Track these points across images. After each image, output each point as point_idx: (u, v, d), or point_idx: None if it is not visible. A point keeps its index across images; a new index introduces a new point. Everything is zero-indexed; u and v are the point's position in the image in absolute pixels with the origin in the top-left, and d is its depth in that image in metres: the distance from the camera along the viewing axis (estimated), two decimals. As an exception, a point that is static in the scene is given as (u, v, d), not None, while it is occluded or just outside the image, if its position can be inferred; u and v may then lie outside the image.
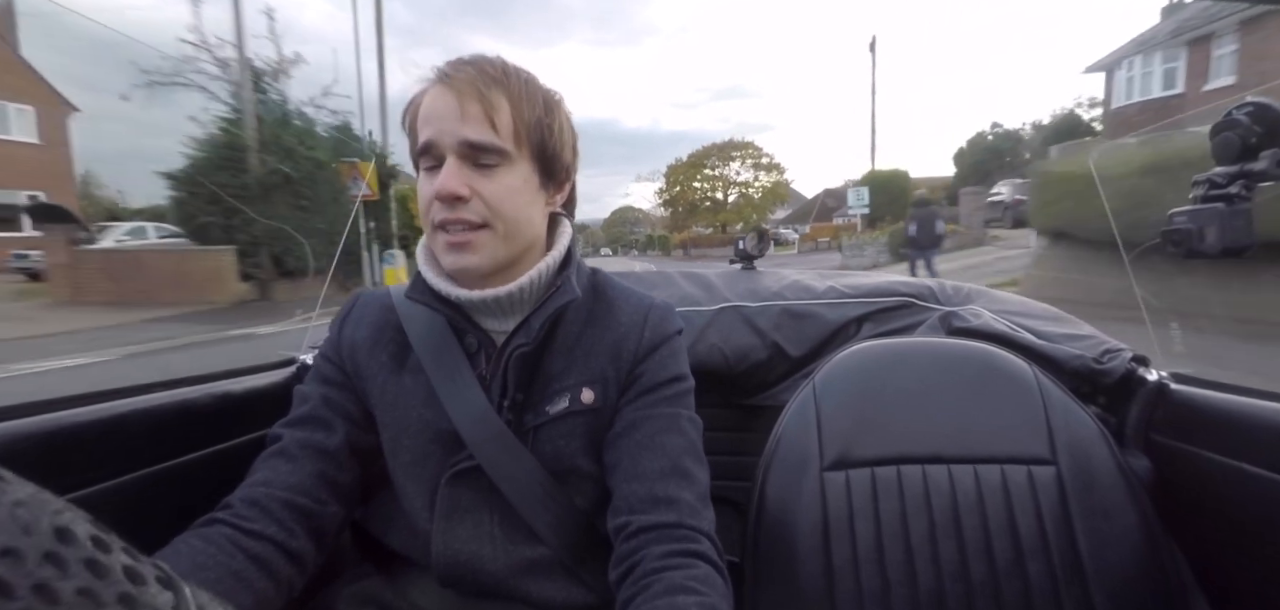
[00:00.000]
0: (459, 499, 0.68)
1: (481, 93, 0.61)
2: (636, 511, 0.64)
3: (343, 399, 0.72)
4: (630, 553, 0.62)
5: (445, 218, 0.63)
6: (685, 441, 0.69)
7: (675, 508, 0.63)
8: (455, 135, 0.61)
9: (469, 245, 0.63)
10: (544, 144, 0.66)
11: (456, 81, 0.62)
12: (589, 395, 0.69)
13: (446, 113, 0.62)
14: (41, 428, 0.64)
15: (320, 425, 0.69)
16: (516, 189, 0.65)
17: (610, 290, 0.76)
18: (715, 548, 0.64)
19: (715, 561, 0.62)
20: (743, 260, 1.37)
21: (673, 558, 0.60)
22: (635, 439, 0.68)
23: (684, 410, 0.71)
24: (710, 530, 0.65)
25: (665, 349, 0.72)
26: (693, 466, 0.68)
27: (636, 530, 0.63)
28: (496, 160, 0.63)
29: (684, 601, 0.56)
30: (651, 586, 0.58)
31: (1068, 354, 0.95)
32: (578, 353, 0.70)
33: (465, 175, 0.62)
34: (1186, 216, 0.74)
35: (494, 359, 0.69)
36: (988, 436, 0.84)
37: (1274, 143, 0.69)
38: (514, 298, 0.67)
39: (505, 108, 0.63)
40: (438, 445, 0.68)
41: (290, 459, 0.66)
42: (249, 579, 0.58)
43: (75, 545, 0.19)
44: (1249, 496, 0.72)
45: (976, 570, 0.78)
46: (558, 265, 0.71)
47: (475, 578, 0.68)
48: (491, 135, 0.62)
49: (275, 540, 0.61)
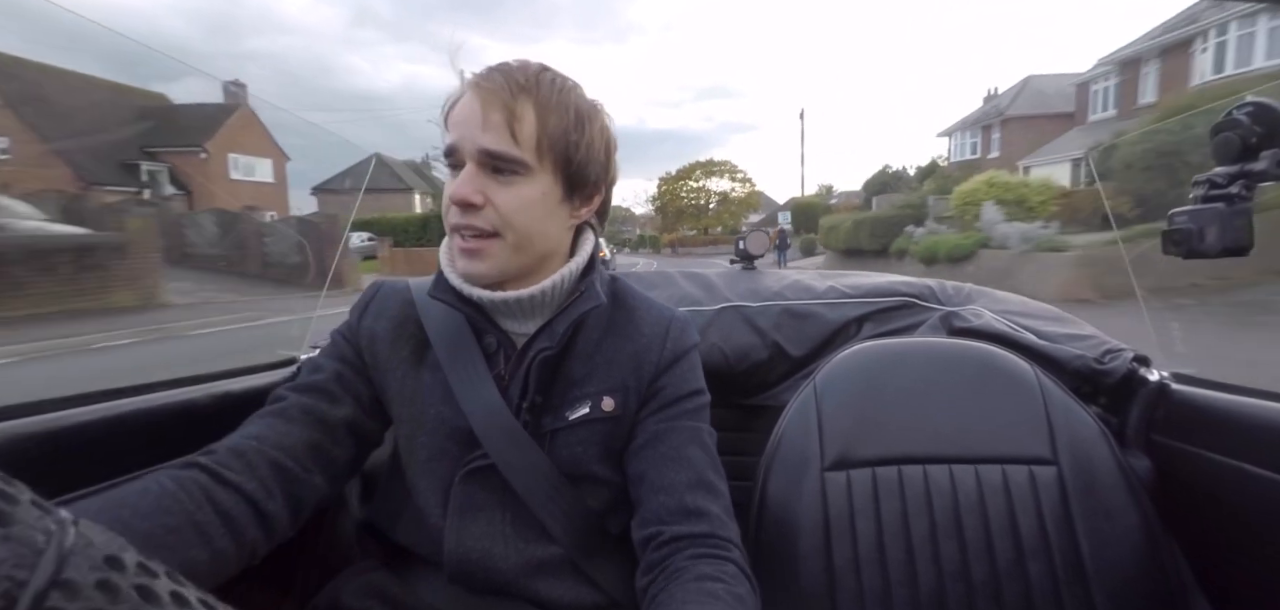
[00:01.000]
0: (472, 496, 0.68)
1: (506, 102, 0.61)
2: (667, 522, 0.65)
3: (355, 379, 0.72)
4: (662, 559, 0.63)
5: (459, 223, 0.63)
6: (708, 456, 0.71)
7: (706, 519, 0.65)
8: (475, 143, 0.62)
9: (478, 252, 0.64)
10: (569, 157, 0.65)
11: (484, 89, 0.62)
12: (610, 403, 0.70)
13: (470, 119, 0.62)
14: (42, 428, 0.64)
15: (326, 396, 0.69)
16: (533, 201, 0.64)
17: (630, 299, 0.76)
18: (745, 556, 0.65)
19: (745, 570, 0.64)
20: (743, 260, 1.37)
21: (704, 559, 0.62)
22: (660, 451, 0.69)
23: (703, 424, 0.73)
24: (739, 542, 0.66)
25: (685, 362, 0.74)
26: (717, 480, 0.70)
27: (669, 539, 0.64)
28: (514, 170, 0.62)
29: (713, 587, 0.58)
30: (683, 574, 0.60)
31: (1069, 354, 0.94)
32: (599, 360, 0.71)
33: (481, 182, 0.62)
34: (1187, 216, 0.74)
35: (514, 360, 0.69)
36: (989, 436, 0.84)
37: (1274, 143, 0.69)
38: (535, 300, 0.68)
39: (530, 118, 0.62)
40: (453, 442, 0.68)
41: (288, 420, 0.66)
42: (210, 534, 0.55)
43: (124, 572, 0.19)
44: (1250, 496, 0.72)
45: (977, 570, 0.78)
46: (580, 272, 0.71)
47: (486, 575, 0.68)
48: (510, 146, 0.61)
49: (251, 497, 0.59)
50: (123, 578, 0.19)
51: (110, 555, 0.19)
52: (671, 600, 0.58)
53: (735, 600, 0.58)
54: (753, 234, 1.41)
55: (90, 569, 0.18)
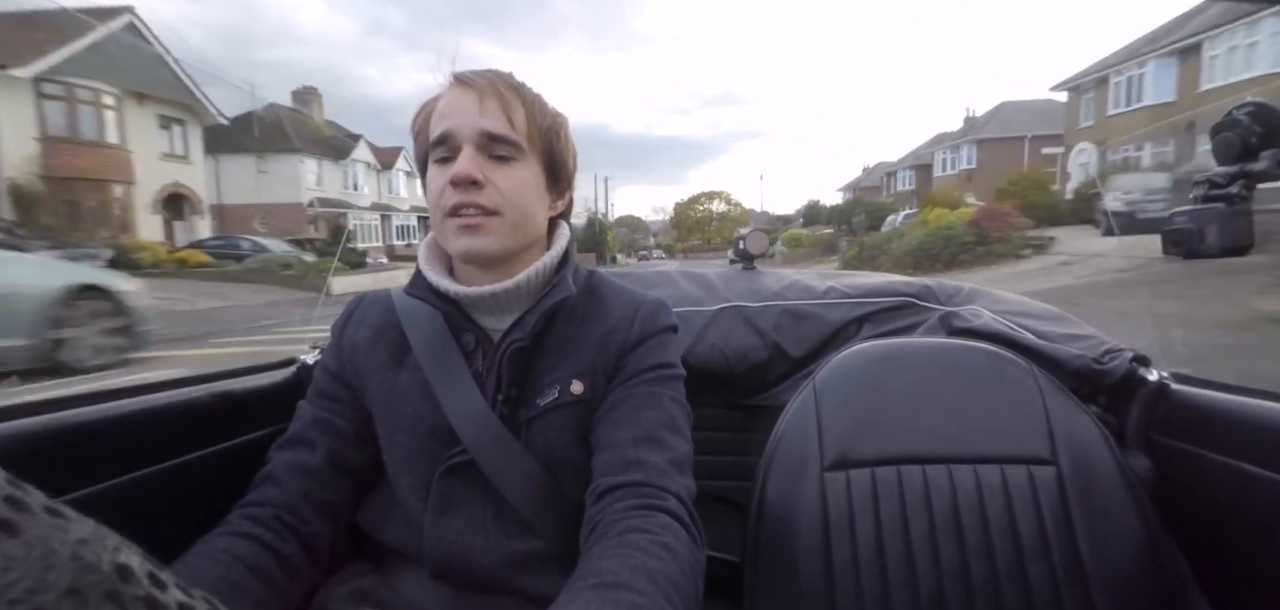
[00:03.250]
0: (452, 493, 0.69)
1: (500, 93, 0.67)
2: (604, 476, 0.65)
3: (332, 415, 0.74)
4: (596, 515, 0.62)
5: (459, 202, 0.65)
6: (663, 415, 0.69)
7: (642, 468, 0.64)
8: (474, 126, 0.65)
9: (480, 228, 0.66)
10: (552, 149, 0.71)
11: (475, 83, 0.67)
12: (578, 387, 0.70)
13: (466, 107, 0.66)
14: (41, 428, 0.64)
15: (304, 446, 0.72)
16: (528, 183, 0.69)
17: (604, 288, 0.78)
18: (685, 508, 0.63)
19: (681, 516, 0.62)
20: (743, 260, 1.37)
21: (634, 511, 0.60)
22: (614, 416, 0.69)
23: (667, 391, 0.72)
24: (681, 492, 0.64)
25: (654, 340, 0.74)
26: (667, 435, 0.68)
27: (603, 491, 0.63)
28: (511, 153, 0.67)
29: (636, 539, 0.56)
30: (610, 530, 0.58)
31: (1068, 354, 0.94)
32: (569, 348, 0.72)
33: (480, 163, 0.65)
34: (1187, 216, 0.74)
35: (489, 355, 0.70)
36: (988, 436, 0.84)
37: (1274, 143, 0.70)
38: (511, 294, 0.69)
39: (520, 110, 0.68)
40: (432, 440, 0.69)
41: (276, 484, 0.70)
42: (246, 587, 0.60)
43: (134, 583, 0.19)
44: (1249, 496, 0.72)
45: (977, 570, 0.78)
46: (556, 264, 0.73)
47: (468, 570, 0.68)
48: (509, 129, 0.66)
49: (270, 546, 0.65)
50: (133, 587, 0.19)
51: (120, 564, 0.19)
52: (591, 556, 0.56)
53: (661, 549, 0.56)
54: (752, 234, 1.41)
55: (101, 578, 0.18)
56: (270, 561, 0.64)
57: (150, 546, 0.22)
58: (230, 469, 0.79)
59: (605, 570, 0.53)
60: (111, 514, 0.70)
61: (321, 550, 0.71)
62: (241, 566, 0.61)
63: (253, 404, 0.88)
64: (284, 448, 0.73)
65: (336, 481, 0.72)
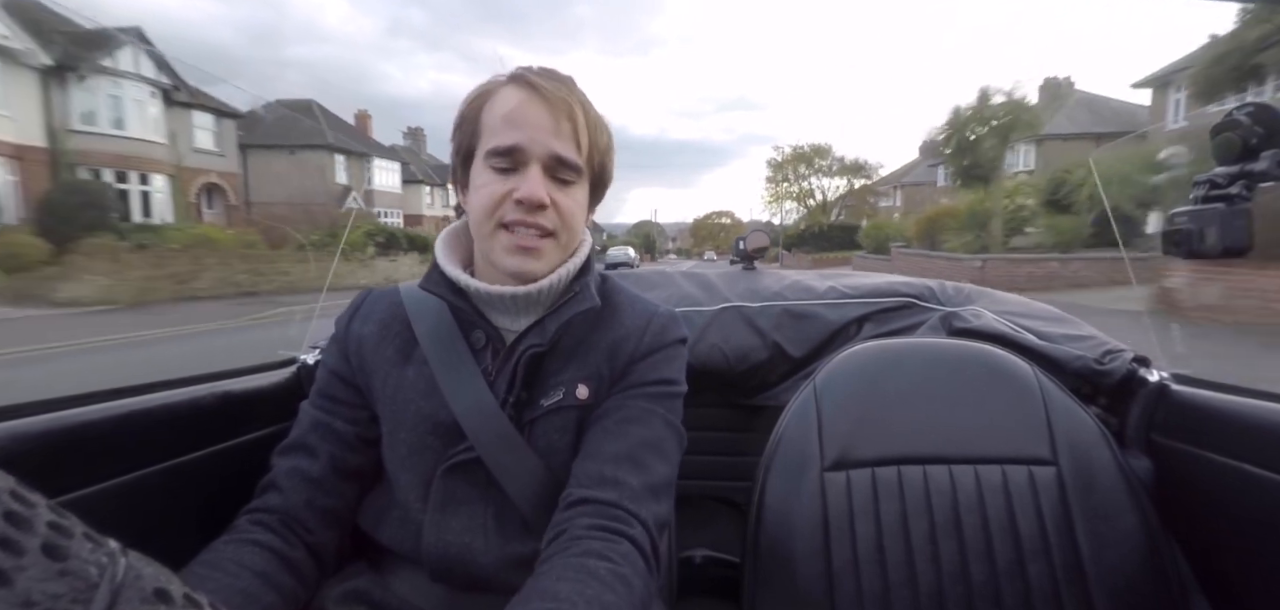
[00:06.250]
0: (454, 491, 0.69)
1: (570, 111, 0.66)
2: (579, 484, 0.64)
3: (334, 418, 0.73)
4: (563, 522, 0.61)
5: (519, 220, 0.65)
6: (651, 434, 0.68)
7: (617, 488, 0.63)
8: (547, 147, 0.65)
9: (537, 251, 0.66)
10: (602, 169, 0.72)
11: (548, 94, 0.65)
12: (584, 391, 0.70)
13: (540, 123, 0.64)
14: (42, 428, 0.64)
15: (306, 452, 0.71)
16: (581, 204, 0.70)
17: (618, 296, 0.77)
18: (650, 537, 0.62)
19: (643, 547, 0.60)
20: (743, 260, 1.37)
21: (597, 531, 0.59)
22: (603, 424, 0.68)
23: (662, 409, 0.71)
24: (650, 521, 0.63)
25: (662, 353, 0.73)
26: (650, 457, 0.67)
27: (574, 501, 0.62)
28: (573, 177, 0.67)
29: (595, 565, 0.55)
30: (571, 547, 0.57)
31: (1069, 355, 0.94)
32: (579, 352, 0.71)
33: (546, 186, 0.65)
34: (1188, 217, 0.74)
35: (502, 355, 0.70)
36: (988, 437, 0.84)
37: (1274, 143, 0.69)
38: (531, 298, 0.69)
39: (586, 134, 0.67)
40: (435, 437, 0.69)
41: (280, 491, 0.69)
42: (255, 594, 0.60)
43: (172, 604, 0.20)
44: (1250, 497, 0.72)
45: (977, 571, 0.78)
46: (577, 272, 0.72)
47: (466, 570, 0.68)
48: (576, 153, 0.66)
49: (278, 552, 0.65)
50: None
51: (159, 587, 0.20)
52: (549, 573, 0.55)
53: (618, 581, 0.54)
54: (752, 233, 1.42)
55: (141, 602, 0.19)
56: (279, 568, 0.64)
57: (151, 546, 0.22)
58: (230, 469, 0.79)
59: (561, 596, 0.52)
60: (112, 514, 0.69)
61: (328, 555, 0.70)
62: (250, 574, 0.61)
63: (253, 403, 0.88)
64: (285, 453, 0.72)
65: (339, 487, 0.72)
